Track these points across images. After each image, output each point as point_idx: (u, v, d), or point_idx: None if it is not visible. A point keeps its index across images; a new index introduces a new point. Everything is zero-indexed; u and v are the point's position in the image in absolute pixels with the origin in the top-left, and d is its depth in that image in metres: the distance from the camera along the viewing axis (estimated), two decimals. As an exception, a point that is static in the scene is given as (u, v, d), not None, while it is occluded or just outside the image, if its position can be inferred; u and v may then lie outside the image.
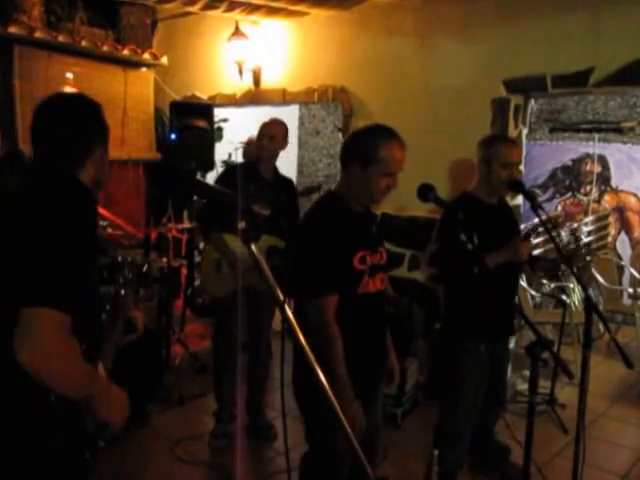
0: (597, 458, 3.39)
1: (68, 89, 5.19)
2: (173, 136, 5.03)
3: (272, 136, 3.36)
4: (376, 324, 2.28)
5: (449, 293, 2.97)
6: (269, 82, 5.15)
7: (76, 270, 1.42)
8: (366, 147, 2.10)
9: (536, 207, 2.69)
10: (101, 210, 5.66)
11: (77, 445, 1.56)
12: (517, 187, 2.90)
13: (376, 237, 2.30)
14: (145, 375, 3.76)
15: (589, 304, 2.59)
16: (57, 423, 1.48)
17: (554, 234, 2.74)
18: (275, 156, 3.45)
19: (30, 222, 1.44)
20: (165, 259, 4.60)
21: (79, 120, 1.63)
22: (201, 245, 5.42)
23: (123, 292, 3.51)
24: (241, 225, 1.31)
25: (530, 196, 2.83)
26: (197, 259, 5.60)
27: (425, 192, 2.31)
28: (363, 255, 2.14)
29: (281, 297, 1.31)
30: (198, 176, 4.76)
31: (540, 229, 4.12)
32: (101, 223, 4.12)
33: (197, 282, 5.53)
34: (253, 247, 1.34)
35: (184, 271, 5.47)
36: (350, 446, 1.38)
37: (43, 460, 1.48)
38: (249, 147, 5.26)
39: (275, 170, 3.49)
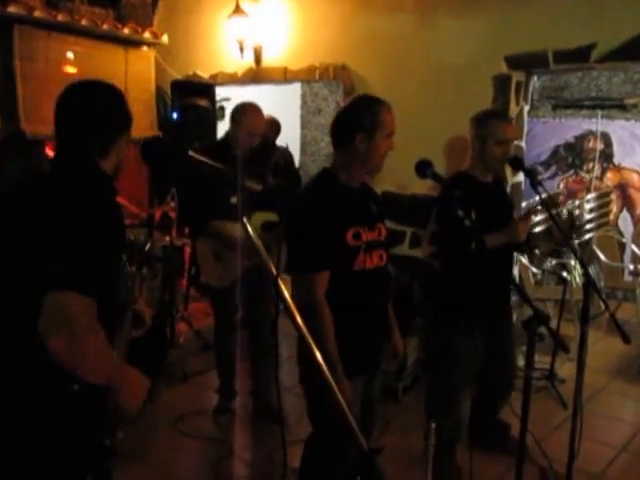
0: (596, 432, 3.44)
1: (69, 69, 5.18)
2: (175, 115, 5.04)
3: (254, 133, 3.24)
4: (374, 301, 2.27)
5: (444, 270, 2.98)
6: (270, 60, 5.13)
7: (100, 257, 1.42)
8: (368, 117, 2.12)
9: (536, 185, 2.69)
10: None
11: (98, 433, 1.58)
12: (517, 165, 2.90)
13: (374, 213, 2.29)
14: (151, 357, 3.83)
15: (587, 281, 2.62)
16: (79, 413, 1.49)
17: (554, 211, 2.73)
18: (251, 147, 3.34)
19: (54, 211, 1.44)
20: (168, 238, 4.64)
21: (105, 108, 1.62)
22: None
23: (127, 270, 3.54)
24: (234, 200, 1.33)
25: (530, 174, 2.83)
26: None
27: (423, 168, 2.31)
28: (357, 231, 2.14)
29: (274, 272, 1.34)
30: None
31: (539, 208, 4.13)
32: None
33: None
34: (246, 222, 1.36)
35: (188, 250, 5.50)
36: (344, 420, 1.41)
37: (65, 449, 1.50)
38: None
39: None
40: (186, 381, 4.06)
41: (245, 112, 3.26)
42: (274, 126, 4.96)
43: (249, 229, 1.39)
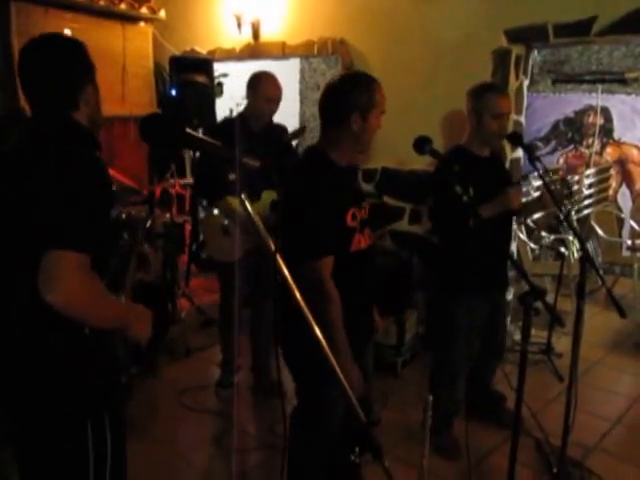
0: (591, 404, 3.50)
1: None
2: (174, 92, 5.01)
3: (271, 99, 3.26)
4: (368, 280, 2.29)
5: (444, 245, 3.01)
6: (268, 35, 5.08)
7: (92, 211, 1.48)
8: (364, 96, 2.08)
9: (534, 160, 2.70)
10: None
11: (112, 371, 1.67)
12: (516, 140, 2.91)
13: (360, 191, 2.31)
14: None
15: (584, 256, 2.64)
16: (92, 353, 1.58)
17: (548, 179, 2.74)
18: (271, 118, 3.38)
19: (39, 172, 1.48)
20: (168, 215, 4.65)
21: (63, 60, 1.61)
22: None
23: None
24: (232, 177, 1.34)
25: (528, 149, 2.84)
26: (201, 215, 5.65)
27: (422, 145, 2.31)
28: (354, 212, 2.14)
29: (273, 248, 1.36)
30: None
31: (534, 181, 4.14)
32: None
33: (201, 237, 5.59)
34: (245, 199, 1.37)
35: (188, 227, 5.52)
36: (346, 398, 1.44)
37: (81, 389, 1.57)
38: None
39: (267, 124, 3.39)
40: (189, 356, 4.11)
41: (260, 79, 3.29)
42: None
43: (247, 206, 1.40)
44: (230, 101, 6.13)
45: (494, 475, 2.80)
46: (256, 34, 5.12)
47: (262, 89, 3.25)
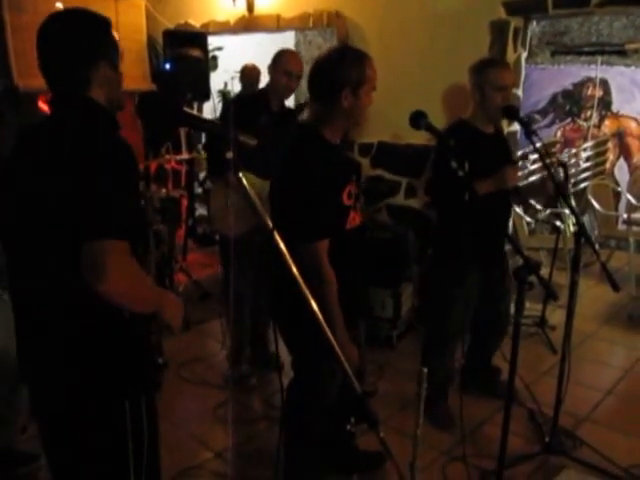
0: (584, 376, 3.55)
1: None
2: (168, 66, 4.95)
3: (292, 73, 3.23)
4: (361, 257, 2.31)
5: (441, 219, 3.02)
6: (263, 7, 5.02)
7: (125, 196, 1.45)
8: (355, 72, 2.05)
9: (530, 134, 2.70)
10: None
11: (149, 354, 1.70)
12: (511, 113, 2.90)
13: (354, 167, 2.28)
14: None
15: (579, 230, 2.66)
16: (131, 337, 1.59)
17: (548, 161, 2.75)
18: (290, 95, 3.37)
19: (62, 157, 1.43)
20: (164, 190, 4.65)
21: (73, 36, 1.53)
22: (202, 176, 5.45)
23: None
24: (228, 155, 1.35)
25: (524, 123, 2.84)
26: (197, 190, 5.64)
27: (417, 119, 2.30)
28: (349, 189, 2.12)
29: (270, 225, 1.37)
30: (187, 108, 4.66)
31: (531, 155, 4.13)
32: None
33: (197, 212, 5.60)
34: (242, 176, 1.38)
35: (184, 202, 5.52)
36: (342, 370, 1.47)
37: (121, 372, 1.58)
38: (247, 74, 5.15)
39: (283, 103, 3.41)
40: (188, 329, 4.15)
41: (281, 54, 3.30)
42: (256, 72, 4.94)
43: (245, 183, 1.41)
44: (225, 74, 6.09)
45: (487, 444, 2.86)
46: (250, 6, 5.06)
47: (282, 62, 3.25)
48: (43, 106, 5.60)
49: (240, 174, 1.38)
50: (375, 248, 3.83)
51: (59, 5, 5.03)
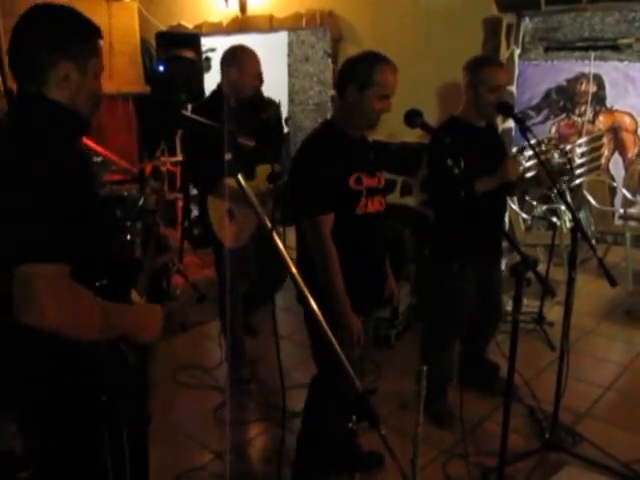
0: (583, 372, 3.55)
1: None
2: (161, 68, 4.96)
3: (260, 74, 3.28)
4: (375, 244, 2.40)
5: (437, 216, 3.02)
6: (255, 8, 5.01)
7: (62, 213, 1.30)
8: (362, 71, 2.19)
9: (524, 130, 2.70)
10: (93, 146, 5.66)
11: (121, 379, 1.51)
12: (505, 110, 2.90)
13: (373, 162, 2.37)
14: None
15: (575, 226, 2.66)
16: (92, 365, 1.43)
17: (543, 157, 2.75)
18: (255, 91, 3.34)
19: (5, 170, 1.31)
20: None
21: (38, 27, 1.43)
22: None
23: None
24: (227, 157, 1.34)
25: (519, 119, 2.83)
26: (193, 192, 5.62)
27: (412, 118, 2.30)
28: (358, 176, 2.23)
29: (269, 225, 1.36)
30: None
31: (527, 149, 4.13)
32: (95, 159, 4.13)
33: (193, 214, 5.58)
34: (240, 178, 1.37)
35: (180, 204, 5.51)
36: (339, 363, 1.46)
37: (86, 404, 1.46)
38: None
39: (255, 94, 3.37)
40: (185, 331, 4.14)
41: (245, 54, 3.20)
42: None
43: (244, 185, 1.40)
44: (218, 76, 6.06)
45: (487, 441, 2.85)
46: (243, 7, 5.05)
47: (249, 66, 3.18)
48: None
49: (239, 175, 1.37)
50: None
51: (51, 8, 5.02)
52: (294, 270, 1.41)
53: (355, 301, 2.25)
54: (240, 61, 3.18)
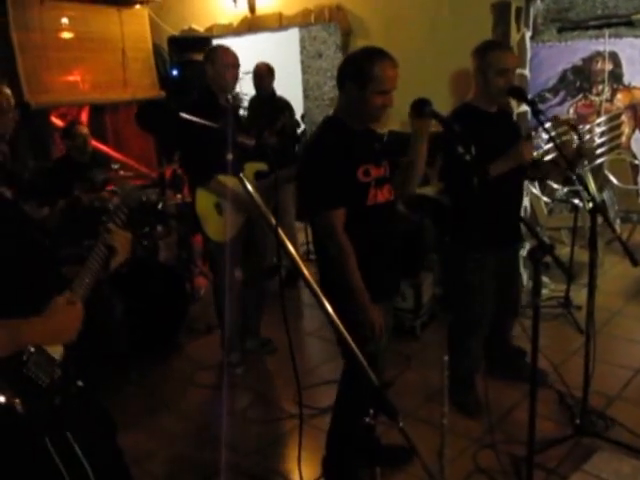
0: (612, 355, 3.50)
1: (65, 35, 5.14)
2: (175, 72, 5.01)
3: (235, 64, 3.30)
4: (389, 233, 2.41)
5: (454, 205, 3.00)
6: (264, 7, 5.02)
7: None
8: (360, 67, 2.19)
9: (537, 113, 2.68)
10: (112, 152, 5.74)
11: (36, 398, 1.50)
12: (516, 94, 2.87)
13: (379, 152, 2.39)
14: (171, 308, 3.94)
15: (594, 207, 2.62)
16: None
17: (559, 140, 2.71)
18: (235, 85, 3.40)
19: None
20: (179, 196, 4.69)
21: None
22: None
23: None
24: (229, 157, 1.35)
25: (530, 102, 2.81)
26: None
27: (421, 106, 2.29)
28: (366, 168, 2.26)
29: (273, 222, 1.37)
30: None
31: (539, 131, 4.08)
32: (113, 166, 4.19)
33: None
34: (244, 178, 1.39)
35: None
36: (353, 358, 1.47)
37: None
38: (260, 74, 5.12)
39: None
40: (210, 332, 4.18)
41: (215, 50, 3.36)
42: (270, 71, 4.91)
43: (247, 184, 1.41)
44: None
45: (517, 430, 2.82)
46: (252, 7, 5.07)
47: (220, 58, 3.28)
48: (56, 121, 5.69)
49: (241, 174, 1.38)
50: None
51: (65, 21, 5.11)
52: (304, 269, 1.41)
53: (375, 290, 2.27)
54: (211, 57, 3.32)
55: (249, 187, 1.40)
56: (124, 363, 3.57)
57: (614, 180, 5.19)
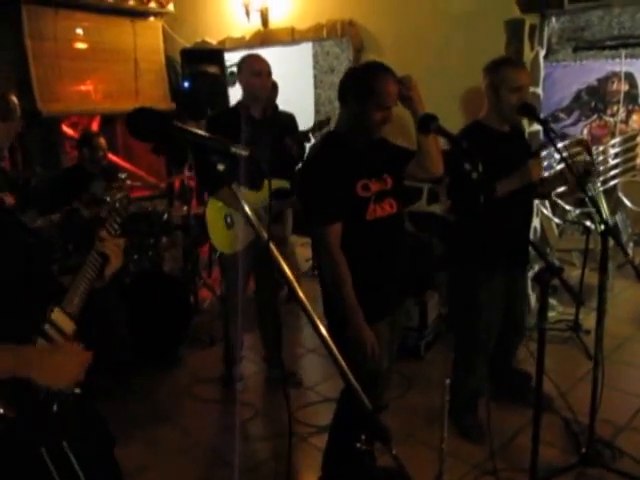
0: (621, 381, 3.41)
1: (78, 45, 5.18)
2: (186, 84, 5.02)
3: (261, 72, 3.18)
4: (390, 248, 2.35)
5: (460, 224, 2.95)
6: (277, 21, 5.03)
7: None
8: (361, 82, 2.19)
9: (548, 131, 2.62)
10: (121, 162, 5.76)
11: (33, 405, 1.47)
12: (528, 112, 2.82)
13: (380, 165, 2.33)
14: (174, 319, 3.91)
15: (605, 229, 2.56)
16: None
17: (570, 160, 2.65)
18: (267, 93, 3.29)
19: None
20: (185, 208, 4.67)
21: None
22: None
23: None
24: (220, 168, 1.31)
25: (541, 120, 2.75)
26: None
27: (427, 123, 2.24)
28: (365, 183, 2.22)
29: (265, 237, 1.32)
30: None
31: (551, 150, 4.01)
32: (120, 175, 4.17)
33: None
34: (235, 189, 1.34)
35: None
36: (344, 379, 1.41)
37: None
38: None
39: (268, 108, 3.34)
40: (213, 345, 4.13)
41: (243, 59, 3.27)
42: (273, 87, 4.91)
43: (239, 196, 1.37)
44: (243, 90, 6.12)
45: (520, 456, 2.74)
46: (265, 21, 5.08)
47: (247, 65, 3.21)
48: (68, 130, 5.72)
49: (234, 186, 1.34)
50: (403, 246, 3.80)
51: (79, 31, 5.15)
52: (292, 278, 1.36)
53: (373, 306, 2.22)
54: (240, 67, 3.26)
55: (241, 200, 1.36)
56: (124, 373, 3.53)
57: (628, 202, 5.11)
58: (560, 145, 2.63)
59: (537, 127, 4.00)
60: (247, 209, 1.36)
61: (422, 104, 2.32)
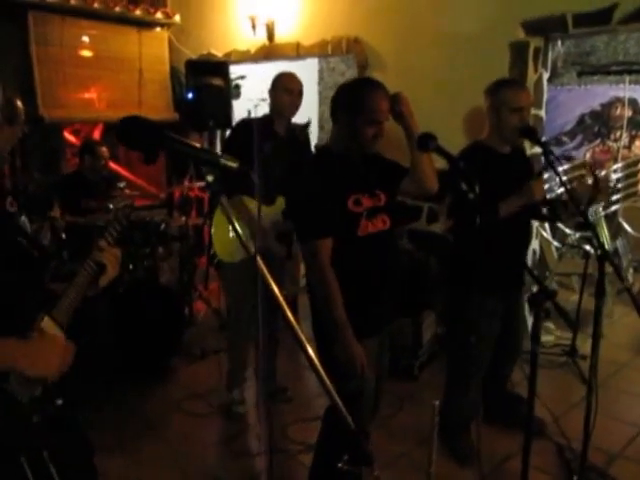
0: (616, 409, 3.36)
1: (84, 52, 5.20)
2: (190, 95, 5.03)
3: (293, 90, 3.22)
4: (382, 264, 2.31)
5: (458, 244, 2.92)
6: (283, 36, 5.05)
7: None
8: (352, 97, 2.18)
9: (547, 154, 2.61)
10: (122, 171, 5.76)
11: (14, 414, 1.49)
12: (528, 134, 2.80)
13: (373, 181, 2.31)
14: (166, 331, 3.87)
15: (602, 254, 2.53)
16: None
17: (574, 183, 2.64)
18: (295, 112, 3.32)
19: None
20: (183, 218, 4.66)
21: None
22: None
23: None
24: (209, 179, 1.29)
25: (541, 143, 2.74)
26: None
27: (425, 141, 2.23)
28: (357, 198, 2.20)
29: (252, 250, 1.30)
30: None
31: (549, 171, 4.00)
32: (119, 184, 4.17)
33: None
34: (224, 201, 1.33)
35: (207, 229, 5.52)
36: (330, 399, 1.38)
37: None
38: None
39: (289, 124, 3.36)
40: (203, 358, 4.10)
41: (278, 75, 3.31)
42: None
43: (227, 207, 1.36)
44: (248, 103, 6.13)
45: (511, 482, 2.70)
46: (271, 35, 5.10)
47: (280, 82, 3.26)
48: (70, 137, 5.73)
49: (224, 198, 1.33)
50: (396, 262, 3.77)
51: (85, 39, 5.18)
52: (278, 295, 1.35)
53: (362, 323, 2.19)
54: (274, 83, 3.29)
55: (230, 212, 1.35)
56: (112, 384, 3.49)
57: (628, 228, 5.08)
58: (564, 167, 2.61)
59: (539, 149, 3.99)
60: (234, 221, 1.35)
61: (414, 120, 2.31)
